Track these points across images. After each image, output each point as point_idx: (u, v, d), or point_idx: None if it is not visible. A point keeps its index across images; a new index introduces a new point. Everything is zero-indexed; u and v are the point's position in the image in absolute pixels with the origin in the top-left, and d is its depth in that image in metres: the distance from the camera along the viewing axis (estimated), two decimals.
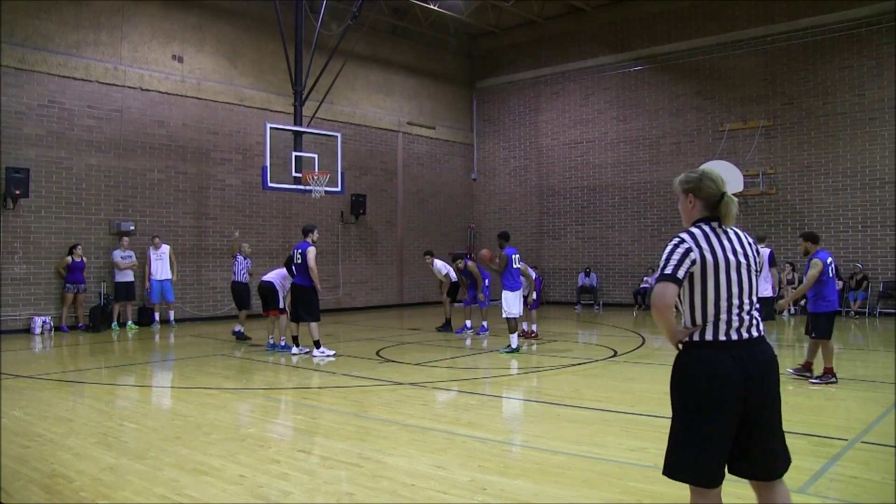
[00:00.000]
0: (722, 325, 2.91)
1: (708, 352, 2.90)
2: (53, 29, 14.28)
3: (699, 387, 2.88)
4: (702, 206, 3.05)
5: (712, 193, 3.03)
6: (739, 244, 3.00)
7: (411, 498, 4.32)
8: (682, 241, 2.94)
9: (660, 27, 19.51)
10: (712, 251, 2.92)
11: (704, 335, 2.93)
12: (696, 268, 2.91)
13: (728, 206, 3.01)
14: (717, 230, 3.00)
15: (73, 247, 13.92)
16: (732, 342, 2.90)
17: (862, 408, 6.86)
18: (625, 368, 9.60)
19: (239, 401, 7.40)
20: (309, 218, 18.57)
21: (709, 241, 2.94)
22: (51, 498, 4.36)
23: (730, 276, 2.92)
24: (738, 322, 2.92)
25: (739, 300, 2.93)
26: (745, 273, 2.96)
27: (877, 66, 16.39)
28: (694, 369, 2.91)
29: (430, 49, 21.96)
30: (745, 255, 2.99)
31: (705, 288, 2.92)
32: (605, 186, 20.49)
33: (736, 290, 2.93)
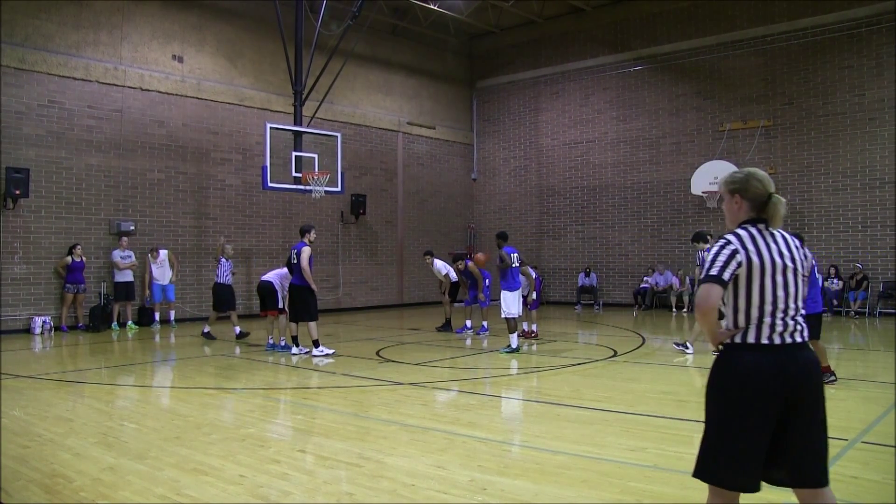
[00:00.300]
0: (765, 328, 2.87)
1: (749, 354, 2.87)
2: (53, 29, 14.28)
3: (738, 389, 2.84)
4: (748, 207, 3.00)
5: (760, 193, 2.99)
6: (787, 247, 2.97)
7: (411, 498, 4.32)
8: (728, 243, 2.91)
9: (660, 27, 19.52)
10: (759, 253, 2.89)
11: (746, 338, 2.90)
12: (742, 270, 2.88)
13: (776, 206, 2.97)
14: (763, 232, 2.96)
15: (72, 247, 13.93)
16: (775, 346, 2.87)
17: (862, 408, 6.86)
18: (625, 368, 9.60)
19: (239, 401, 7.40)
20: (309, 218, 18.58)
21: (755, 242, 2.91)
22: (51, 498, 4.36)
23: (775, 279, 2.89)
24: (783, 326, 2.88)
25: (785, 304, 2.89)
26: (792, 277, 2.92)
27: (877, 66, 16.39)
28: (733, 371, 2.88)
29: (430, 49, 21.96)
30: (792, 259, 2.95)
31: (750, 290, 2.89)
32: (605, 186, 20.49)
33: (781, 293, 2.89)
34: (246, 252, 17.34)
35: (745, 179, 3.03)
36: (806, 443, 2.91)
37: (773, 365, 2.83)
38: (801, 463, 2.92)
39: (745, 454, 2.83)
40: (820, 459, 2.96)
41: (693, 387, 8.62)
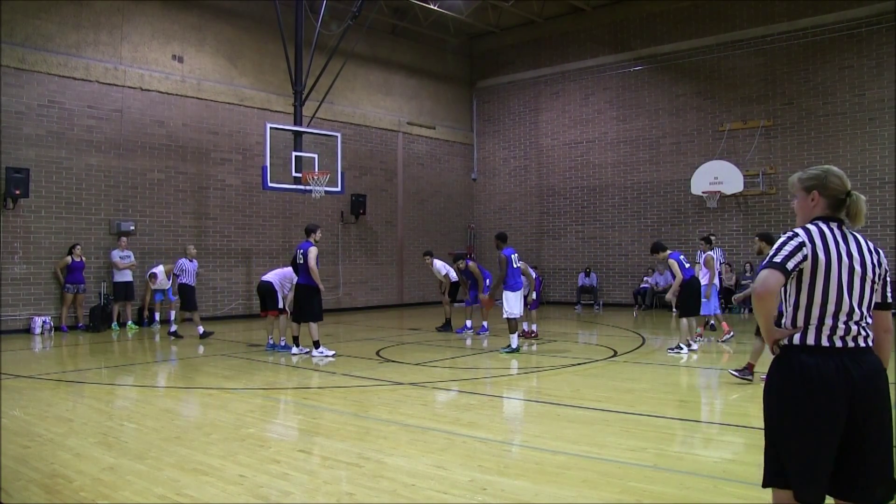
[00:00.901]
0: (826, 329, 2.74)
1: (811, 357, 2.73)
2: (53, 29, 14.28)
3: (801, 393, 2.70)
4: (825, 205, 2.86)
5: (839, 191, 2.84)
6: (858, 250, 2.80)
7: (411, 498, 4.32)
8: (796, 235, 2.79)
9: (660, 27, 19.52)
10: (826, 250, 2.74)
11: (806, 339, 2.76)
12: (807, 264, 2.74)
13: (857, 204, 2.82)
14: (836, 230, 2.81)
15: (72, 247, 13.92)
16: (837, 349, 2.72)
17: None
18: (625, 368, 9.60)
19: (239, 401, 7.40)
20: (309, 218, 18.56)
21: (824, 239, 2.77)
22: (51, 498, 4.36)
23: (841, 279, 2.74)
24: (845, 329, 2.74)
25: (850, 307, 2.74)
26: (859, 281, 2.77)
27: (877, 66, 16.39)
28: (794, 374, 2.73)
29: (430, 49, 21.96)
30: (863, 263, 2.79)
31: (813, 288, 2.75)
32: (605, 186, 20.49)
33: (846, 295, 2.74)
34: (246, 252, 17.35)
35: (823, 176, 2.88)
36: (869, 453, 2.70)
37: (838, 368, 2.69)
38: (858, 477, 2.71)
39: (811, 463, 2.67)
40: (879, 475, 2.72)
41: (693, 387, 8.63)
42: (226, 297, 16.97)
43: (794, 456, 2.70)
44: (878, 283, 2.83)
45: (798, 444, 2.70)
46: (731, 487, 4.48)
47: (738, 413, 6.68)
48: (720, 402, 7.37)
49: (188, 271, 12.90)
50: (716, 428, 6.12)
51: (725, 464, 5.09)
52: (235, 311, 17.05)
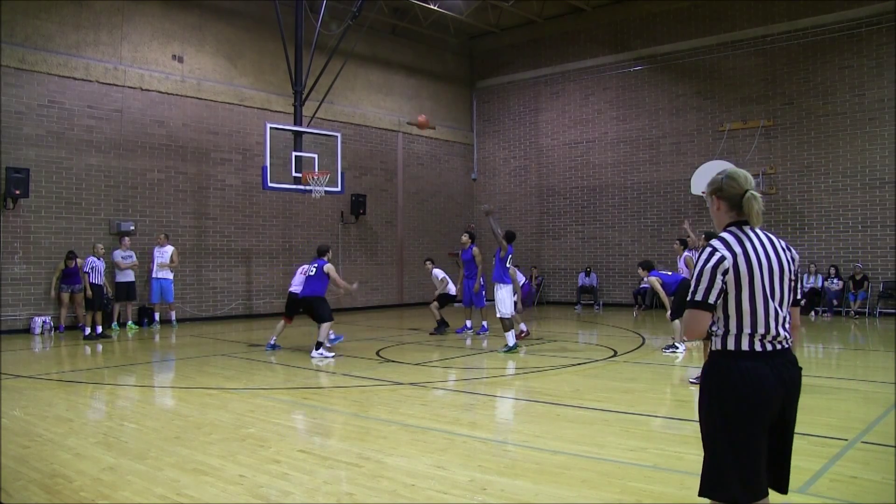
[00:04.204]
0: (757, 335, 2.81)
1: (747, 362, 2.80)
2: (53, 29, 14.28)
3: (740, 398, 2.76)
4: (727, 207, 2.96)
5: (736, 192, 2.93)
6: (773, 250, 2.89)
7: (411, 498, 4.32)
8: (714, 251, 2.84)
9: (660, 27, 19.52)
10: (746, 258, 2.82)
11: (741, 345, 2.82)
12: (730, 277, 2.81)
13: (749, 203, 2.89)
14: (749, 234, 2.89)
15: (68, 255, 13.83)
16: (768, 352, 2.82)
17: (862, 408, 6.86)
18: (625, 368, 9.60)
19: (239, 401, 7.40)
20: (309, 218, 18.62)
21: (743, 247, 2.85)
22: (51, 498, 4.36)
23: (764, 284, 2.82)
24: (774, 333, 2.83)
25: (774, 310, 2.83)
26: (779, 282, 2.86)
27: (877, 66, 16.40)
28: (735, 380, 2.79)
29: (429, 49, 21.96)
30: (780, 263, 2.88)
31: (740, 296, 2.82)
32: (605, 186, 20.49)
33: (770, 299, 2.83)
34: (246, 252, 17.35)
35: (720, 179, 2.99)
36: (784, 448, 2.90)
37: (773, 371, 2.79)
38: (781, 468, 2.90)
39: (754, 465, 2.77)
40: (788, 466, 2.93)
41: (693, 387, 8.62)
42: (226, 297, 16.97)
43: (737, 462, 2.75)
44: (794, 281, 2.94)
45: (741, 450, 2.75)
46: None
47: None
48: None
49: (98, 270, 12.90)
50: None
51: None
52: (235, 311, 17.06)
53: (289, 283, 18.01)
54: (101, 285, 13.05)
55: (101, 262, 13.09)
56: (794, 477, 4.66)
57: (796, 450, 5.40)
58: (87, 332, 12.90)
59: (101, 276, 13.05)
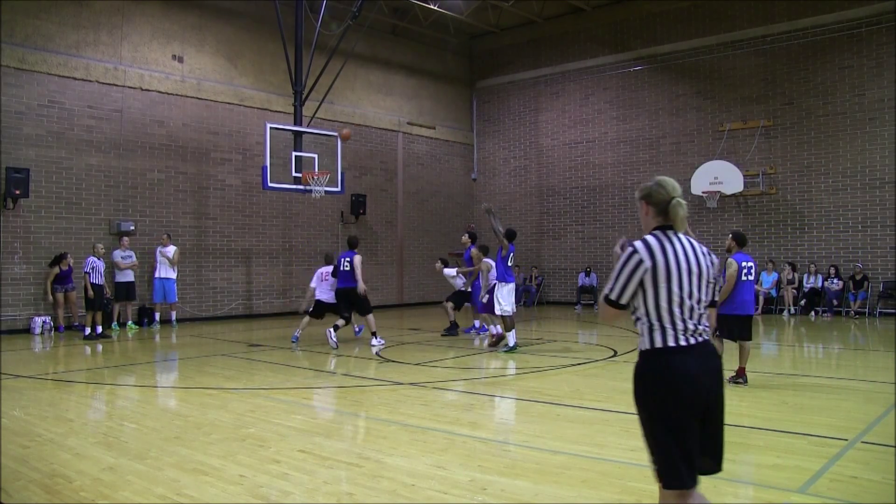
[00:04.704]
0: (680, 330, 2.99)
1: (675, 357, 2.97)
2: (53, 29, 14.28)
3: (674, 391, 2.93)
4: (654, 213, 3.14)
5: (663, 199, 3.12)
6: (693, 253, 3.07)
7: (411, 498, 4.32)
8: (634, 252, 3.03)
9: (660, 27, 19.52)
10: (665, 260, 3.00)
11: (667, 341, 2.99)
12: (648, 276, 2.99)
13: (675, 210, 3.09)
14: (671, 238, 3.08)
15: (60, 258, 13.80)
16: (692, 346, 2.99)
17: (862, 408, 6.86)
18: (625, 368, 9.59)
19: (239, 401, 7.40)
20: (309, 217, 18.61)
21: (663, 248, 3.02)
22: (51, 498, 4.36)
23: (682, 283, 3.00)
24: (693, 328, 3.01)
25: (691, 307, 3.01)
26: (696, 282, 3.03)
27: (877, 66, 16.40)
28: (667, 375, 2.96)
29: (429, 49, 21.96)
30: (699, 265, 3.06)
31: (657, 294, 2.99)
32: (606, 186, 20.49)
33: (688, 298, 3.00)
34: (246, 252, 17.35)
35: (650, 186, 3.18)
36: (717, 433, 3.08)
37: (697, 364, 2.97)
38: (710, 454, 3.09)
39: (690, 453, 2.96)
40: (721, 448, 3.13)
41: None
42: (226, 297, 16.97)
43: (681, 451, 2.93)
44: (711, 283, 3.13)
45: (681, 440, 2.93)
46: (732, 487, 4.48)
47: (736, 413, 6.68)
48: None
49: (98, 270, 12.91)
50: None
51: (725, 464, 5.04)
52: (235, 311, 17.06)
53: (289, 283, 18.25)
54: (102, 285, 13.05)
55: (102, 262, 13.09)
56: (794, 476, 4.68)
57: (796, 450, 5.42)
58: (87, 332, 12.90)
59: (102, 276, 13.05)
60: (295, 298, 18.29)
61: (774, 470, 4.89)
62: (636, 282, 3.01)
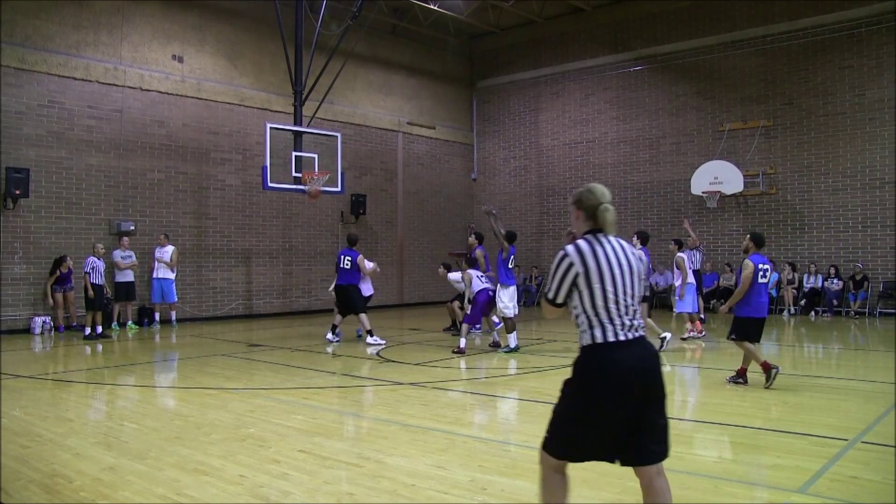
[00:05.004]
0: (616, 327, 3.15)
1: (612, 352, 3.13)
2: (53, 29, 14.28)
3: (606, 385, 3.10)
4: (585, 217, 3.34)
5: (592, 205, 3.33)
6: (623, 253, 3.26)
7: (411, 498, 4.32)
8: (565, 256, 3.22)
9: (660, 27, 19.51)
10: (596, 261, 3.18)
11: (606, 337, 3.15)
12: (581, 278, 3.17)
13: (603, 215, 3.31)
14: (601, 240, 3.27)
15: (60, 260, 13.80)
16: (628, 341, 3.15)
17: (862, 408, 6.86)
18: None
19: (239, 401, 7.40)
20: (309, 217, 18.61)
21: (593, 250, 3.21)
22: (51, 498, 4.36)
23: (615, 282, 3.17)
24: (629, 325, 3.18)
25: (626, 305, 3.18)
26: (629, 280, 3.21)
27: (877, 66, 16.39)
28: (603, 370, 3.12)
29: (429, 49, 21.95)
30: (629, 264, 3.24)
31: (593, 294, 3.16)
32: (606, 186, 20.40)
33: (622, 295, 3.17)
34: (246, 252, 17.35)
35: (581, 192, 3.40)
36: (656, 426, 3.18)
37: (634, 359, 3.13)
38: (652, 443, 3.18)
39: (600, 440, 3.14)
40: (663, 438, 3.23)
41: (693, 386, 8.63)
42: (226, 297, 16.97)
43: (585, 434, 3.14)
44: (643, 280, 3.34)
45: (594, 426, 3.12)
46: (732, 487, 4.48)
47: (737, 413, 6.68)
48: (719, 401, 7.36)
49: (98, 270, 12.91)
50: (715, 428, 6.12)
51: (725, 464, 5.09)
52: (235, 311, 17.06)
53: (289, 283, 18.25)
54: (102, 285, 13.05)
55: (102, 262, 13.09)
56: (794, 477, 4.68)
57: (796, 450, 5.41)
58: (87, 332, 12.90)
59: (102, 276, 13.05)
60: (295, 298, 18.30)
61: (774, 470, 4.89)
62: (569, 283, 3.20)
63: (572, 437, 3.19)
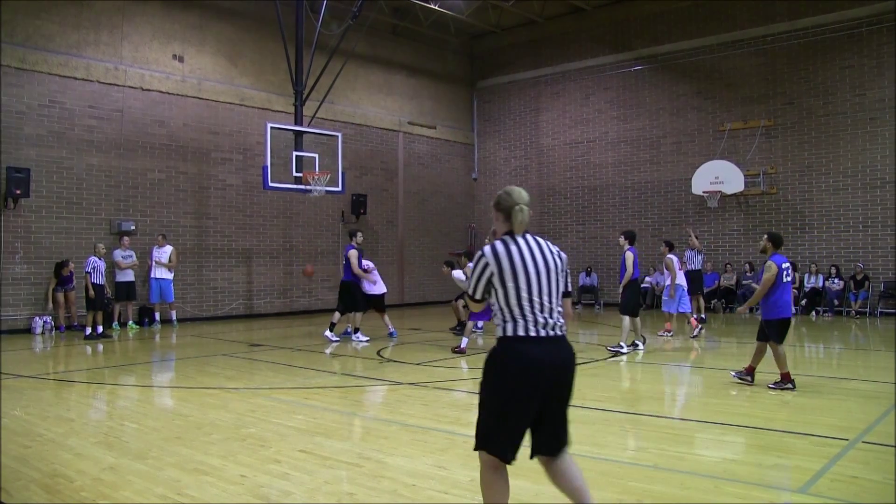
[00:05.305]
0: (530, 323, 3.29)
1: (522, 346, 3.29)
2: (54, 29, 14.28)
3: (514, 375, 3.26)
4: (503, 218, 3.50)
5: (508, 206, 3.47)
6: (540, 252, 3.41)
7: (412, 498, 4.32)
8: (482, 256, 3.39)
9: (660, 27, 19.51)
10: (511, 261, 3.33)
11: (517, 331, 3.30)
12: (495, 277, 3.33)
13: (517, 216, 3.45)
14: (517, 241, 3.42)
15: (61, 265, 13.80)
16: (542, 338, 3.30)
17: (862, 408, 6.86)
18: (625, 368, 9.60)
19: (240, 401, 7.40)
20: (310, 217, 18.61)
21: (509, 251, 3.36)
22: (51, 498, 4.36)
23: (530, 280, 3.32)
24: (545, 322, 3.32)
25: (541, 303, 3.32)
26: (545, 278, 3.36)
27: (877, 65, 16.38)
28: (511, 360, 3.28)
29: (430, 49, 21.95)
30: (546, 263, 3.39)
31: (506, 292, 3.31)
32: (606, 186, 20.49)
33: (538, 293, 3.32)
34: (247, 252, 17.35)
35: (499, 194, 3.53)
36: (561, 419, 3.43)
37: (543, 354, 3.28)
38: (557, 434, 3.42)
39: (516, 431, 3.30)
40: (565, 430, 3.49)
41: (693, 386, 8.63)
42: (226, 296, 16.98)
43: (507, 426, 3.28)
44: (561, 277, 3.45)
45: (511, 417, 3.27)
46: (733, 487, 4.48)
47: (738, 413, 6.68)
48: (720, 401, 7.36)
49: (99, 270, 12.92)
50: (717, 428, 6.11)
51: (726, 464, 5.09)
52: (236, 311, 17.06)
53: (289, 283, 18.25)
54: (102, 285, 13.06)
55: (103, 262, 13.10)
56: (795, 476, 4.68)
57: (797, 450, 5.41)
58: (88, 332, 12.90)
59: (103, 276, 13.06)
60: (296, 298, 18.30)
61: (775, 470, 4.89)
62: (485, 281, 3.36)
63: (493, 430, 3.31)
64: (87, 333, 12.90)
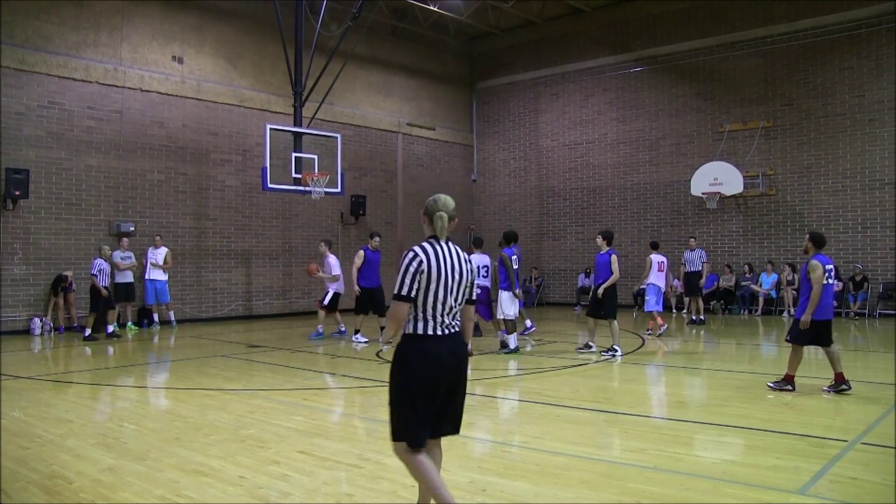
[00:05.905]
0: (438, 322, 3.60)
1: (428, 343, 3.59)
2: (53, 30, 14.28)
3: (421, 369, 3.55)
4: (428, 222, 3.77)
5: (432, 212, 3.75)
6: (457, 260, 3.68)
7: (411, 499, 4.31)
8: (415, 256, 3.60)
9: (659, 28, 19.52)
10: (437, 263, 3.60)
11: (426, 330, 3.59)
12: (423, 276, 3.57)
13: (438, 222, 3.71)
14: (441, 246, 3.68)
15: (59, 279, 13.79)
16: (445, 336, 3.62)
17: (861, 409, 6.86)
18: (624, 369, 9.60)
19: (239, 402, 7.39)
20: (309, 218, 18.61)
21: (436, 254, 3.63)
22: (50, 499, 4.36)
23: (446, 284, 3.60)
24: (448, 322, 3.64)
25: (450, 306, 3.63)
26: (456, 284, 3.64)
27: (877, 67, 16.40)
28: (419, 356, 3.57)
29: (429, 50, 21.96)
30: (459, 271, 3.66)
31: (427, 292, 3.58)
32: (605, 187, 20.49)
33: (449, 296, 3.61)
34: (246, 253, 17.34)
35: (428, 200, 3.80)
36: (458, 405, 3.78)
37: (447, 350, 3.60)
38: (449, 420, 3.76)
39: (425, 419, 3.60)
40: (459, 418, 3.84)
41: (693, 387, 8.63)
42: (226, 297, 16.97)
43: (416, 416, 3.58)
44: (468, 285, 3.73)
45: (419, 408, 3.57)
46: (732, 489, 4.48)
47: (738, 414, 6.68)
48: (720, 402, 7.36)
49: (105, 272, 12.95)
50: (716, 429, 6.11)
51: (726, 465, 5.09)
52: (235, 312, 17.05)
53: (289, 284, 18.25)
54: (106, 287, 13.04)
55: (108, 265, 13.10)
56: (794, 478, 4.68)
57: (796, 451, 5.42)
58: (87, 333, 12.88)
59: (107, 278, 13.06)
60: (295, 299, 18.30)
61: (774, 471, 4.89)
62: (418, 280, 3.56)
63: (408, 421, 3.59)
64: (86, 334, 12.88)
